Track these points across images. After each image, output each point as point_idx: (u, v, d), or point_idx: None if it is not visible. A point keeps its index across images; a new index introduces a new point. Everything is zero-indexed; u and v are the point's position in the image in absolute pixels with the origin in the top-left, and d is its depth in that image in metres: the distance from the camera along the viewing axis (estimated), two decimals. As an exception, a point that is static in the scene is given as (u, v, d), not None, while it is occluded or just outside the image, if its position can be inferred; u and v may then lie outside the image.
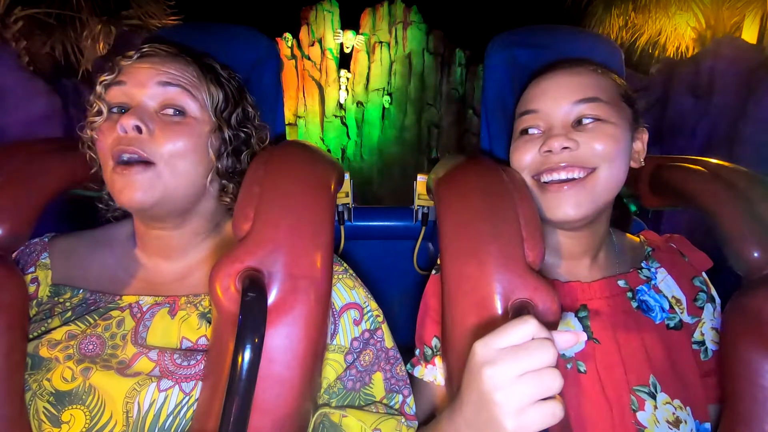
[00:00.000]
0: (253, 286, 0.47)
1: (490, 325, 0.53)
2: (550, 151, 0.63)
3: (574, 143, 0.61)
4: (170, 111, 0.60)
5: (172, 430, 0.53)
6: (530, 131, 0.67)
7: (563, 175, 0.62)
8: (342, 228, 1.06)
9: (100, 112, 0.60)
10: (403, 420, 0.60)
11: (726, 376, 0.56)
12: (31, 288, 0.62)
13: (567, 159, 0.62)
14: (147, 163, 0.57)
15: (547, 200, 0.63)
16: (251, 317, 0.44)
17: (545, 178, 0.64)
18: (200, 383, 0.54)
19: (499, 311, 0.53)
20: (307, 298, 0.53)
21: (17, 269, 0.59)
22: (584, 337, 0.49)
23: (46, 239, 0.67)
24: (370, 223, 1.08)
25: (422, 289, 0.73)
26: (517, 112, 0.71)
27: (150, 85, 0.59)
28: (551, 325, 0.54)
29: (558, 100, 0.65)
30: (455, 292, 0.57)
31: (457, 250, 0.58)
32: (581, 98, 0.63)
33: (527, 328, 0.45)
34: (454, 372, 0.57)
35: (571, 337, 0.47)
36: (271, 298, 0.51)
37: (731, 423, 0.54)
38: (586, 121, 0.63)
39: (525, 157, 0.66)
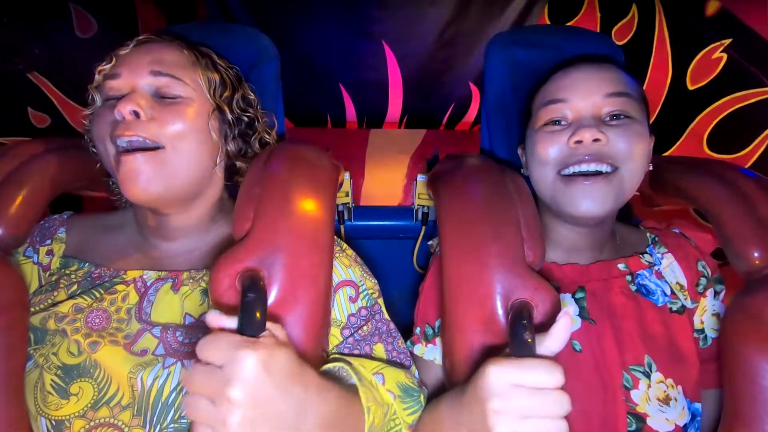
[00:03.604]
0: (253, 287, 0.47)
1: (490, 325, 0.53)
2: (580, 141, 0.60)
3: (604, 136, 0.60)
4: (165, 96, 0.60)
5: (176, 405, 0.54)
6: (556, 121, 0.64)
7: (592, 167, 0.60)
8: (342, 228, 1.06)
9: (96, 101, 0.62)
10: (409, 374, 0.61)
11: (726, 376, 0.56)
12: (46, 259, 0.64)
13: (596, 152, 0.60)
14: (153, 148, 0.57)
15: (572, 193, 0.61)
16: (251, 318, 0.44)
17: (570, 170, 0.62)
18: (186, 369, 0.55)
19: (500, 311, 0.53)
20: (307, 299, 0.53)
21: (17, 269, 0.59)
22: (573, 310, 0.46)
23: (65, 216, 0.69)
24: (370, 223, 1.08)
25: (422, 288, 0.74)
26: (537, 103, 0.68)
27: (144, 74, 0.59)
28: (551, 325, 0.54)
29: (589, 91, 0.63)
30: (455, 292, 0.57)
31: (458, 250, 0.58)
32: (613, 92, 0.62)
33: (553, 379, 0.41)
34: (451, 372, 0.57)
35: (566, 321, 0.45)
36: (271, 298, 0.51)
37: (731, 423, 0.54)
38: (616, 115, 0.62)
39: (551, 150, 0.63)
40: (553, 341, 0.45)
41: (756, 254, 0.57)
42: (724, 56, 0.63)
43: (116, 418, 0.53)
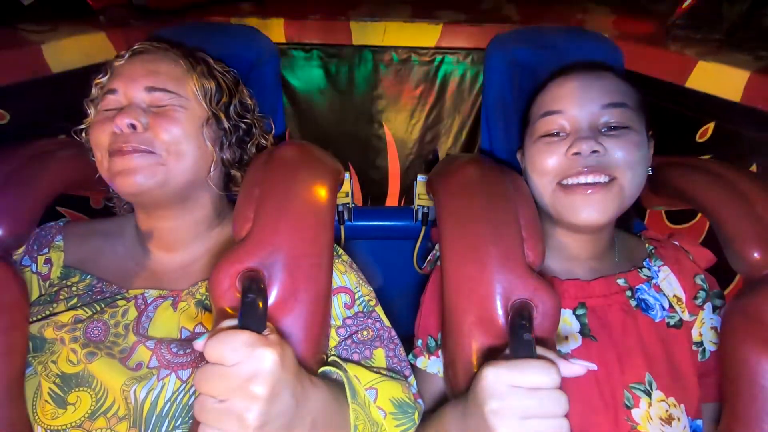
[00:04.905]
0: (254, 287, 0.47)
1: (490, 326, 0.53)
2: (578, 153, 0.61)
3: (602, 147, 0.60)
4: (160, 105, 0.61)
5: (170, 415, 0.54)
6: (554, 133, 0.65)
7: (590, 179, 0.61)
8: (342, 228, 1.05)
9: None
10: (407, 385, 0.60)
11: (726, 376, 0.56)
12: (44, 269, 0.64)
13: (594, 163, 0.60)
14: (149, 151, 0.58)
15: (573, 202, 0.61)
16: (252, 318, 0.44)
17: (569, 181, 0.62)
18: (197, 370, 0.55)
19: (499, 311, 0.53)
20: (307, 299, 0.53)
21: (17, 270, 0.59)
22: (594, 367, 0.47)
23: (61, 223, 0.69)
24: (370, 223, 1.08)
25: (422, 289, 0.73)
26: (535, 113, 0.68)
27: (139, 88, 0.60)
28: (551, 326, 0.54)
29: (586, 102, 0.63)
30: (455, 293, 0.57)
31: (458, 251, 0.58)
32: (610, 102, 0.62)
33: (550, 379, 0.42)
34: (451, 374, 0.57)
35: (579, 369, 0.45)
36: (272, 299, 0.51)
37: (730, 423, 0.54)
38: (613, 126, 0.62)
39: (549, 161, 0.63)
40: (565, 366, 0.45)
41: (756, 254, 0.57)
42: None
43: (113, 429, 0.53)
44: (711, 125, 0.98)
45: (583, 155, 0.61)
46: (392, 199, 1.71)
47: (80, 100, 0.66)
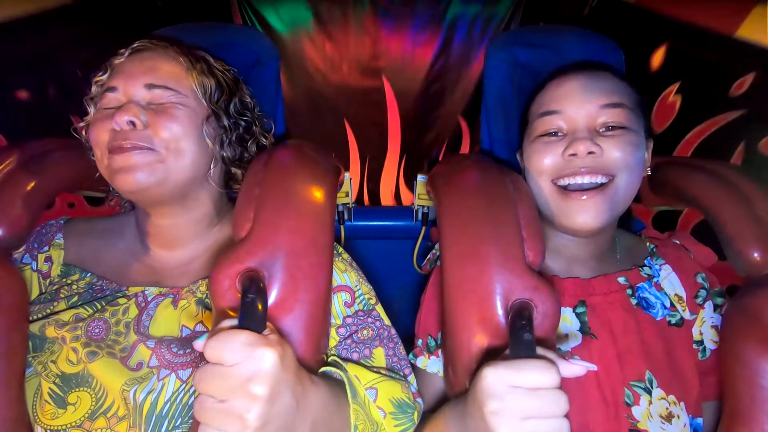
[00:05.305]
0: (254, 287, 0.47)
1: (490, 326, 0.53)
2: (574, 154, 0.61)
3: (599, 148, 0.60)
4: (160, 103, 0.61)
5: (170, 415, 0.54)
6: (552, 133, 0.65)
7: (586, 180, 0.61)
8: (342, 228, 1.06)
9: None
10: (406, 385, 0.60)
11: (726, 376, 0.56)
12: (45, 267, 0.64)
13: (590, 164, 0.61)
14: (148, 148, 0.58)
15: (568, 207, 0.62)
16: (251, 318, 0.44)
17: (566, 181, 0.62)
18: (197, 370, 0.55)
19: (499, 311, 0.53)
20: (307, 299, 0.53)
21: (17, 270, 0.59)
22: (594, 367, 0.47)
23: (62, 221, 0.69)
24: (370, 223, 1.08)
25: (422, 288, 0.74)
26: (533, 113, 0.69)
27: (139, 86, 0.60)
28: (551, 326, 0.54)
29: (583, 102, 0.63)
30: (455, 292, 0.57)
31: (458, 251, 0.58)
32: (608, 103, 0.62)
33: (549, 379, 0.42)
34: (451, 373, 0.57)
35: (579, 369, 0.45)
36: (272, 298, 0.51)
37: (730, 423, 0.54)
38: (611, 127, 0.62)
39: (545, 160, 0.64)
40: (565, 366, 0.45)
41: (756, 254, 0.57)
42: (679, 98, 0.64)
43: (113, 429, 0.53)
44: (750, 77, 0.87)
45: (579, 156, 0.61)
46: (392, 159, 1.60)
47: (40, 51, 0.62)
